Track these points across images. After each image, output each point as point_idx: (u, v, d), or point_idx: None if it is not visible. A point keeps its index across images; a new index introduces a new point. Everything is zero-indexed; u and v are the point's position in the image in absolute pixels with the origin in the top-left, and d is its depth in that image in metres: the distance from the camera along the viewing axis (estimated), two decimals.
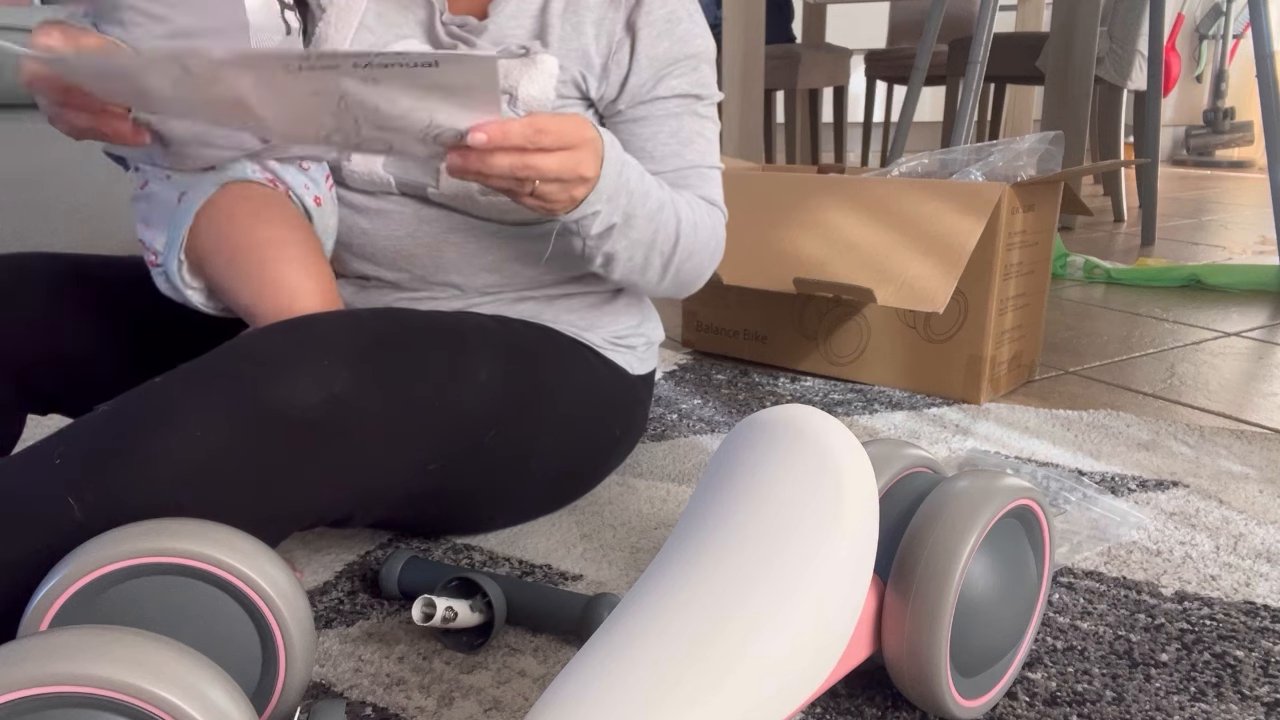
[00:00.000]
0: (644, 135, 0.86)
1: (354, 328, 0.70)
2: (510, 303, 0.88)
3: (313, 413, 0.63)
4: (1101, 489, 0.99)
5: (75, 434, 0.61)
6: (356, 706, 0.65)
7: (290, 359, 0.64)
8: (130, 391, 0.64)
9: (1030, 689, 0.67)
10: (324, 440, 0.64)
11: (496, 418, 0.78)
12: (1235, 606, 0.77)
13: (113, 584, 0.54)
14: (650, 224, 0.79)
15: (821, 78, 3.33)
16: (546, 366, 0.84)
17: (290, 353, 0.65)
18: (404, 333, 0.73)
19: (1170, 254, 2.36)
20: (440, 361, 0.74)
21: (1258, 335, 1.62)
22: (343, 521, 0.73)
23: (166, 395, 0.62)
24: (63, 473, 0.58)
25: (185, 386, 0.62)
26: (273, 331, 0.67)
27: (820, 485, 0.53)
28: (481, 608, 0.71)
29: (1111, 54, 2.70)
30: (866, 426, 1.19)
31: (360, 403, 0.66)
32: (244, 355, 0.64)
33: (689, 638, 0.47)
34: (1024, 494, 0.63)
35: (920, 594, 0.58)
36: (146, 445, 0.59)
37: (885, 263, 1.21)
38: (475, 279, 0.86)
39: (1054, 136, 1.29)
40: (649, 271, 0.83)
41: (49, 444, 0.60)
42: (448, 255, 0.85)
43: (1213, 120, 4.99)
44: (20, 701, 0.43)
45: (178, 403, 0.61)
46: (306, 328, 0.68)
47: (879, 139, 3.93)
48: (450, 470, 0.76)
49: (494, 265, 0.86)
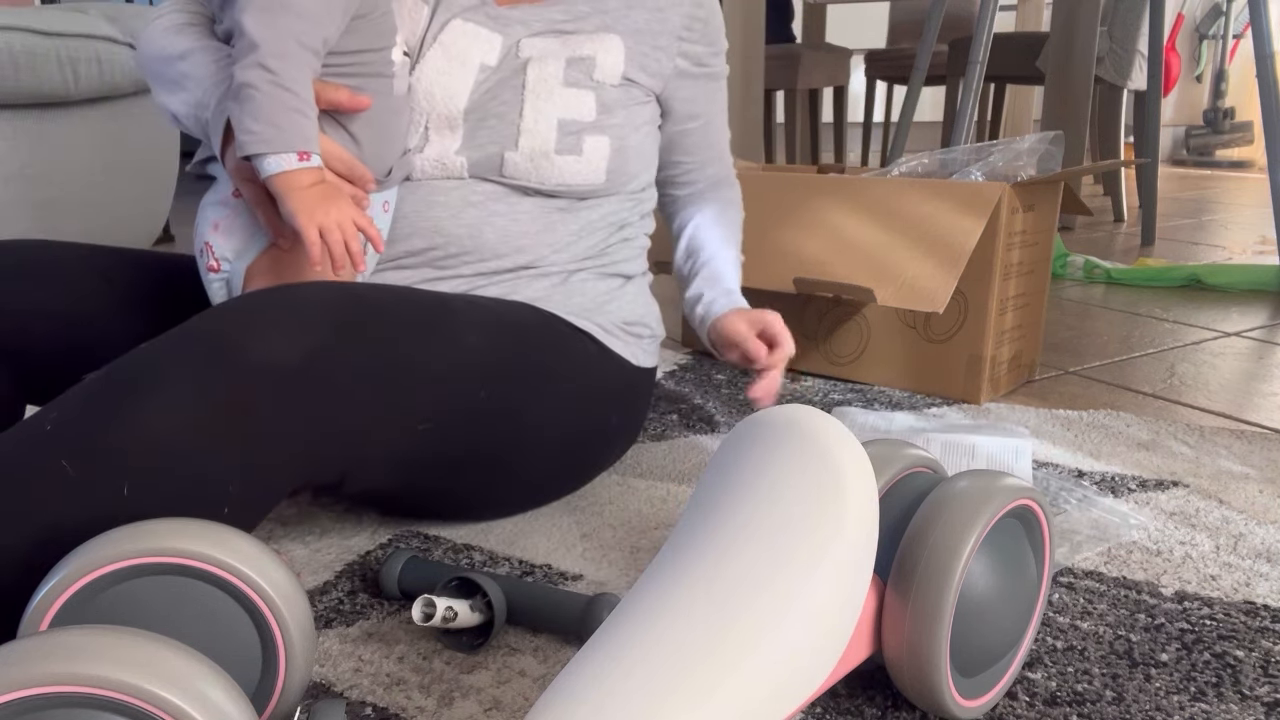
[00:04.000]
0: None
1: (337, 291, 0.72)
2: (531, 279, 0.90)
3: (293, 363, 0.65)
4: (1101, 490, 0.99)
5: (65, 402, 0.62)
6: (356, 706, 0.65)
7: (270, 317, 0.66)
8: (117, 359, 0.65)
9: (1030, 689, 0.67)
10: (306, 391, 0.66)
11: (486, 378, 0.79)
12: (1235, 606, 0.77)
13: (113, 584, 0.54)
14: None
15: (821, 78, 3.33)
16: (539, 343, 0.86)
17: (271, 311, 0.67)
18: (390, 299, 0.75)
19: (1170, 254, 2.36)
20: (425, 322, 0.75)
21: (1258, 335, 1.62)
22: (336, 486, 0.74)
23: (153, 357, 0.63)
24: (54, 437, 0.59)
25: (170, 348, 0.64)
26: (256, 295, 0.69)
27: (820, 485, 0.53)
28: (481, 608, 0.71)
29: (1111, 54, 2.70)
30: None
31: (341, 355, 0.68)
32: (226, 316, 0.66)
33: (689, 638, 0.47)
34: (1024, 494, 0.63)
35: (920, 594, 0.58)
36: (135, 404, 0.60)
37: (885, 263, 1.21)
38: (505, 259, 0.89)
39: (1054, 136, 1.29)
40: None
41: (40, 415, 0.62)
42: (486, 235, 0.88)
43: (1213, 120, 4.99)
44: (20, 701, 0.43)
45: (164, 363, 0.63)
46: (290, 290, 0.70)
47: (879, 139, 3.93)
48: (442, 435, 0.77)
49: (526, 245, 0.89)
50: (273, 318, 0.66)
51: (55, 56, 1.68)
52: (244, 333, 0.64)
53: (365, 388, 0.70)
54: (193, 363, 0.62)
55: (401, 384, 0.72)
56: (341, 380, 0.68)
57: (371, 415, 0.71)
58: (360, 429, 0.70)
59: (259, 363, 0.63)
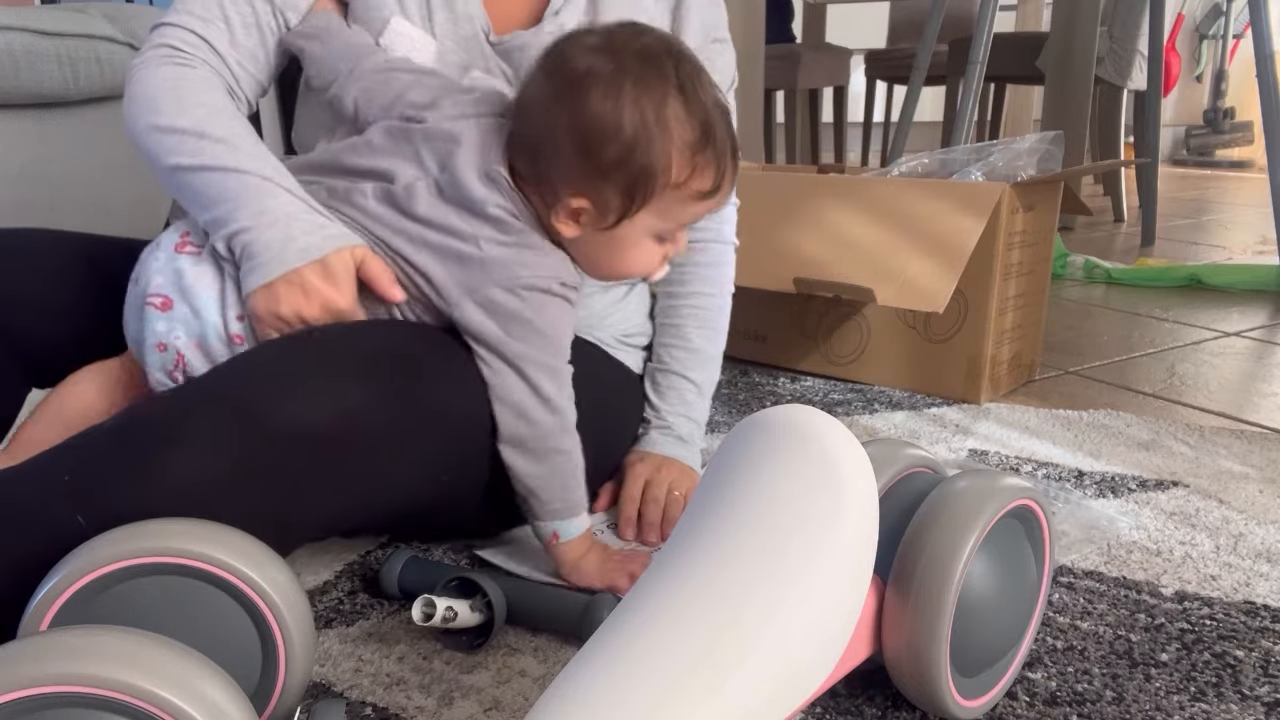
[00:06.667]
0: None
1: (357, 338, 0.70)
2: None
3: (321, 427, 0.63)
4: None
5: (85, 448, 0.61)
6: (356, 706, 0.65)
7: (298, 374, 0.64)
8: (139, 404, 0.64)
9: (1030, 689, 0.67)
10: (333, 455, 0.64)
11: None
12: (1235, 606, 0.77)
13: (113, 584, 0.54)
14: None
15: (821, 78, 3.33)
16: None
17: (298, 368, 0.65)
18: (407, 341, 0.73)
19: (1170, 254, 2.36)
20: (444, 368, 0.73)
21: (1258, 335, 1.62)
22: (352, 532, 0.73)
23: (176, 412, 0.62)
24: (72, 489, 0.58)
25: (194, 403, 0.63)
26: (278, 346, 0.68)
27: (820, 485, 0.53)
28: (481, 608, 0.71)
29: (1111, 54, 2.70)
30: (866, 426, 1.19)
31: (369, 416, 0.66)
32: (252, 371, 0.65)
33: (689, 638, 0.47)
34: (1024, 494, 0.63)
35: (920, 594, 0.58)
36: (156, 464, 0.59)
37: (885, 263, 1.21)
38: None
39: (1054, 136, 1.29)
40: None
41: (59, 457, 0.60)
42: None
43: (1213, 120, 4.99)
44: (20, 701, 0.43)
45: (187, 420, 0.61)
46: (312, 342, 0.68)
47: (879, 139, 3.92)
48: (461, 476, 0.76)
49: None
50: (302, 375, 0.64)
51: (55, 56, 1.68)
52: (272, 392, 0.63)
53: (393, 447, 0.68)
54: (217, 425, 0.61)
55: (425, 442, 0.71)
56: (365, 442, 0.66)
57: (395, 476, 0.69)
58: (382, 487, 0.69)
59: (284, 427, 0.62)
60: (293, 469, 0.63)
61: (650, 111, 0.69)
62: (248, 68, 0.84)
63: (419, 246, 0.73)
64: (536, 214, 0.74)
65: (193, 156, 0.74)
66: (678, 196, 0.72)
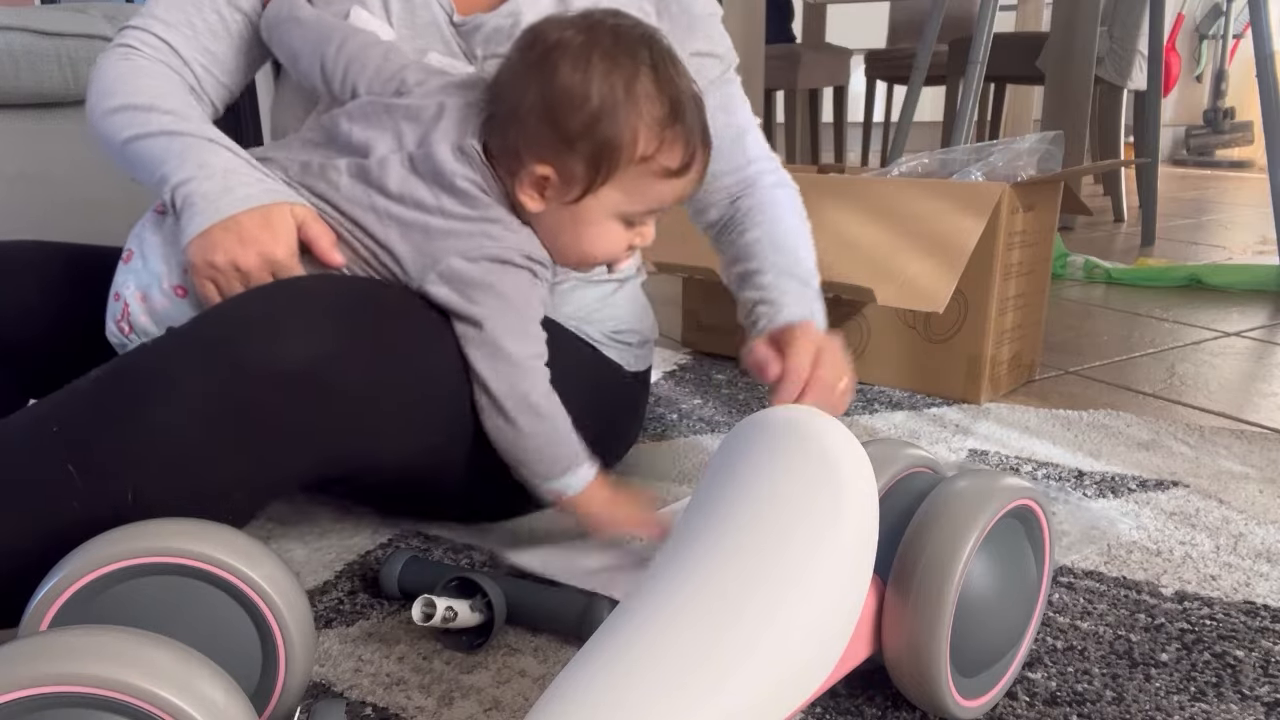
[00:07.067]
0: None
1: (340, 289, 0.71)
2: None
3: (298, 367, 0.64)
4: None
5: (71, 401, 0.62)
6: (356, 706, 0.65)
7: (276, 317, 0.65)
8: (122, 356, 0.65)
9: (1030, 689, 0.67)
10: (310, 397, 0.65)
11: None
12: (1235, 606, 0.77)
13: (113, 584, 0.54)
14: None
15: (821, 78, 3.33)
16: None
17: (275, 312, 0.66)
18: (390, 296, 0.74)
19: (1170, 254, 2.36)
20: (423, 323, 0.74)
21: (1258, 335, 1.62)
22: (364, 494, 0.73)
23: (158, 359, 0.63)
24: (61, 440, 0.59)
25: (175, 350, 0.64)
26: (258, 293, 0.69)
27: (820, 485, 0.53)
28: (481, 608, 0.71)
29: (1111, 54, 2.70)
30: (866, 426, 1.19)
31: (345, 360, 0.67)
32: (230, 317, 0.66)
33: (689, 639, 0.47)
34: (1024, 494, 0.63)
35: (920, 594, 0.58)
36: (141, 409, 0.60)
37: (885, 263, 1.21)
38: None
39: (1054, 136, 1.29)
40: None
41: (44, 411, 0.61)
42: None
43: (1213, 120, 4.99)
44: (20, 701, 0.43)
45: (169, 366, 0.62)
46: (295, 289, 0.69)
47: (879, 139, 3.92)
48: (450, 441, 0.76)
49: None
50: (279, 319, 0.65)
51: (55, 56, 1.68)
52: (248, 335, 0.64)
53: (370, 395, 0.69)
54: (198, 369, 0.62)
55: (407, 391, 0.71)
56: (346, 385, 0.67)
57: (378, 425, 0.70)
58: (367, 436, 0.70)
59: (264, 366, 0.63)
60: (272, 409, 0.63)
61: (620, 85, 0.70)
62: (213, 72, 0.85)
63: (386, 222, 0.74)
64: (506, 191, 0.74)
65: (142, 126, 0.77)
66: (644, 172, 0.72)
